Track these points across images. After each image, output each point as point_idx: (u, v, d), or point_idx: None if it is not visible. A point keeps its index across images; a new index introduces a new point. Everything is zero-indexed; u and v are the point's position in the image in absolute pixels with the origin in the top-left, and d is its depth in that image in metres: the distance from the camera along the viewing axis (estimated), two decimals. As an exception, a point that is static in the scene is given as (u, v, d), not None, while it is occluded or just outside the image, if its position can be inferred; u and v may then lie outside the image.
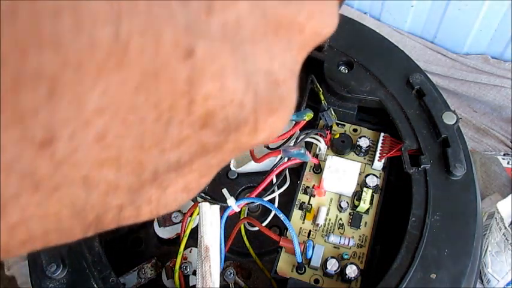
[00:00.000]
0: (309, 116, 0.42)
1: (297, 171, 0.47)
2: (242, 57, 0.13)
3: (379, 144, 0.44)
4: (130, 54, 0.11)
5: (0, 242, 0.12)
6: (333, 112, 0.45)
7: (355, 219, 0.42)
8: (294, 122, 0.44)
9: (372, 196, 0.42)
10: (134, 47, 0.11)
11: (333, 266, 0.38)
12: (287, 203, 0.49)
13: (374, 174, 0.42)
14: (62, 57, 0.10)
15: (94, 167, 0.12)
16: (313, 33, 0.15)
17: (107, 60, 0.11)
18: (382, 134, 0.45)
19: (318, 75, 0.46)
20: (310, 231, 0.42)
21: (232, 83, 0.13)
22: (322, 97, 0.45)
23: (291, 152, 0.41)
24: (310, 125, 0.45)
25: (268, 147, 0.44)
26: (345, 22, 0.50)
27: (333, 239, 0.41)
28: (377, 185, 0.42)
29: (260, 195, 0.43)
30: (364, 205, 0.41)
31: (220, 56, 0.13)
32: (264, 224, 0.46)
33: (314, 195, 0.43)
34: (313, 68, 0.46)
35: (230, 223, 0.48)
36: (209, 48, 0.12)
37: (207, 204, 0.38)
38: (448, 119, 0.42)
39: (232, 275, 0.43)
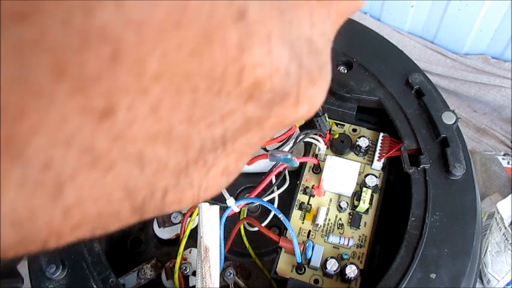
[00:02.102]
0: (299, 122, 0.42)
1: (296, 171, 0.47)
2: (288, 22, 0.13)
3: (379, 144, 0.44)
4: (188, 14, 0.11)
5: (53, 225, 0.11)
6: (327, 118, 0.44)
7: (354, 219, 0.42)
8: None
9: (372, 196, 0.42)
10: (192, 6, 0.11)
11: (332, 266, 0.38)
12: (287, 203, 0.49)
13: (373, 174, 0.42)
14: (124, 16, 0.10)
15: (148, 141, 0.12)
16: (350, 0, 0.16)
17: (166, 20, 0.11)
18: (381, 134, 0.45)
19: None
20: (309, 231, 0.42)
21: (279, 49, 0.13)
22: None
23: (277, 157, 0.41)
24: (310, 125, 0.45)
25: (265, 149, 0.44)
26: (345, 22, 0.50)
27: (333, 239, 0.41)
28: (376, 185, 0.42)
29: (260, 196, 0.43)
30: (363, 205, 0.41)
31: (270, 19, 0.13)
32: (264, 224, 0.46)
33: (313, 196, 0.43)
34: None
35: (230, 223, 0.48)
36: (260, 10, 0.12)
37: (206, 204, 0.38)
38: (447, 118, 0.42)
39: (232, 275, 0.43)
